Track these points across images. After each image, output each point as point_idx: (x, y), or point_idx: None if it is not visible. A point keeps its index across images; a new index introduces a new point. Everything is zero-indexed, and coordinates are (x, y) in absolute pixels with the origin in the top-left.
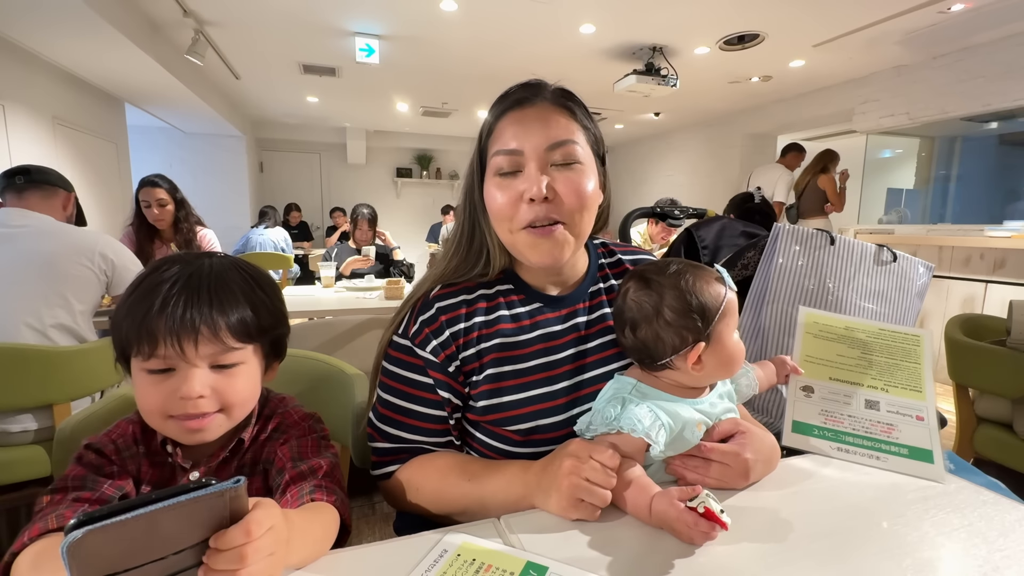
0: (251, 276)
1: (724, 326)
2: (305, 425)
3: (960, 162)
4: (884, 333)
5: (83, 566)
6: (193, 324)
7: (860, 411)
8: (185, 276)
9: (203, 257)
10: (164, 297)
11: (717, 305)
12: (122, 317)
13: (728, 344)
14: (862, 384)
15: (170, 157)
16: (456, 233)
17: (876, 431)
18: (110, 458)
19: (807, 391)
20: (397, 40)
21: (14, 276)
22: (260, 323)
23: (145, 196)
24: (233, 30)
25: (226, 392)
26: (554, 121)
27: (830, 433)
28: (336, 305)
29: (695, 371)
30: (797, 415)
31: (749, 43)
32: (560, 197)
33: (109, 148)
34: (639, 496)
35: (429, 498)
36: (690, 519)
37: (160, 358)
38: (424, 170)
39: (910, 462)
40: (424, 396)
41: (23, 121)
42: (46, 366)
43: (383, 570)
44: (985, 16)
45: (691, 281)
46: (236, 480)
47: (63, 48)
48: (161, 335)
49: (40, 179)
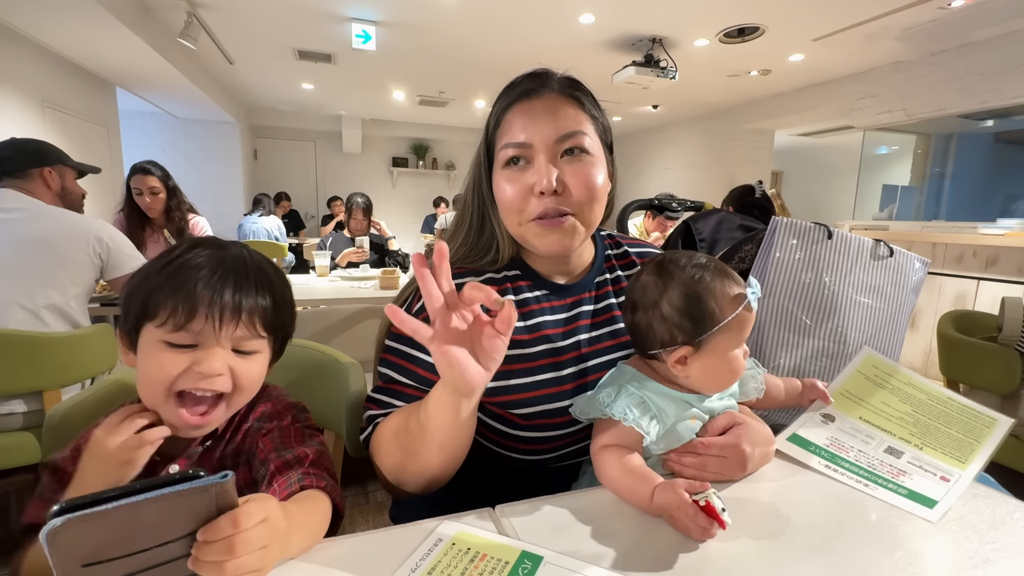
0: (279, 272)
1: (723, 340)
2: (288, 415)
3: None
4: (952, 404)
5: (63, 554)
6: (238, 305)
7: (875, 451)
8: (229, 259)
9: (238, 246)
10: (209, 275)
11: (720, 318)
12: (155, 286)
13: (722, 359)
14: (895, 433)
15: (162, 143)
16: (464, 225)
17: (882, 470)
18: (65, 470)
19: (827, 419)
20: (394, 27)
21: (7, 258)
22: (283, 318)
23: (137, 184)
24: (227, 13)
25: (241, 376)
26: (562, 112)
27: (827, 454)
28: (331, 294)
29: (677, 372)
30: (803, 431)
31: (749, 36)
32: (570, 189)
33: (100, 133)
34: (640, 484)
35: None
36: (690, 510)
37: (191, 332)
38: (420, 160)
39: (902, 499)
40: (424, 375)
41: (11, 104)
42: (36, 352)
43: (378, 559)
44: (985, 13)
45: (705, 284)
46: (224, 475)
47: (52, 29)
48: (203, 308)
49: (9, 168)
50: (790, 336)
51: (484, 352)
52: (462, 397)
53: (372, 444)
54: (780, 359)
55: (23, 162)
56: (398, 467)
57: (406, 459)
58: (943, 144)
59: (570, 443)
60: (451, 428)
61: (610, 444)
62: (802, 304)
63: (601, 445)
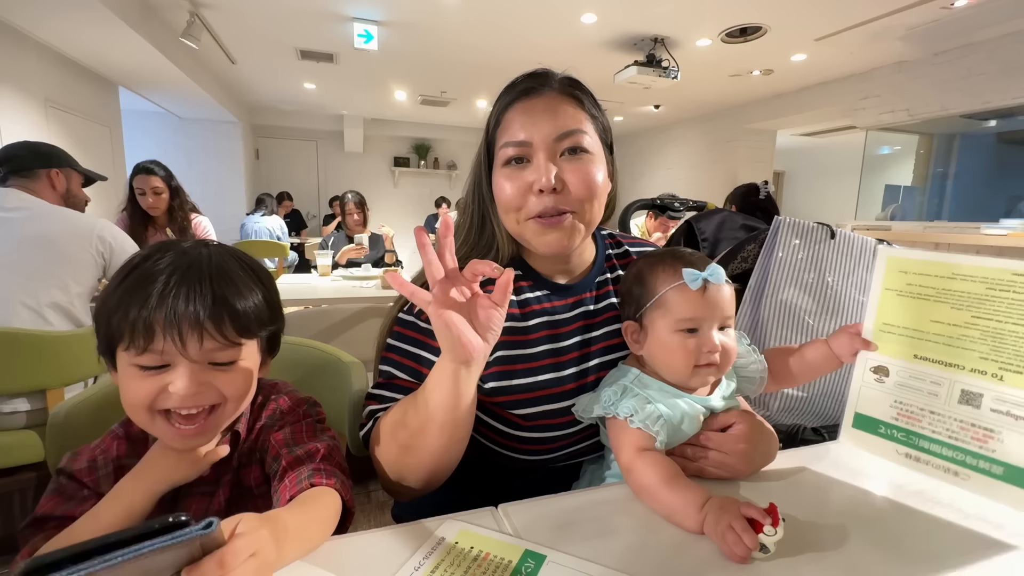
0: (250, 267)
1: (658, 318)
2: (299, 410)
3: (958, 160)
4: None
5: None
6: (197, 318)
7: (950, 406)
8: (184, 266)
9: (199, 246)
10: (163, 288)
11: (651, 293)
12: (112, 308)
13: (659, 338)
14: (962, 366)
15: (165, 143)
16: (464, 225)
17: (966, 437)
18: (82, 482)
19: (879, 374)
20: (396, 27)
21: (10, 256)
22: (260, 317)
23: (140, 183)
24: (229, 13)
25: (224, 387)
26: (562, 111)
27: (901, 434)
28: (333, 293)
29: (635, 351)
30: (863, 406)
31: (751, 36)
32: (569, 187)
33: (103, 132)
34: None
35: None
36: (740, 525)
37: (156, 353)
38: (422, 160)
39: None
40: (426, 373)
41: (15, 103)
42: (39, 351)
43: (381, 557)
44: (988, 12)
45: (651, 263)
46: (208, 524)
47: (55, 28)
48: (160, 328)
49: (17, 166)
50: (793, 336)
51: (480, 323)
52: (460, 365)
53: (372, 439)
54: None
55: (31, 161)
56: (398, 461)
57: (405, 451)
58: (946, 144)
59: (571, 443)
60: (450, 403)
61: (638, 451)
62: (805, 304)
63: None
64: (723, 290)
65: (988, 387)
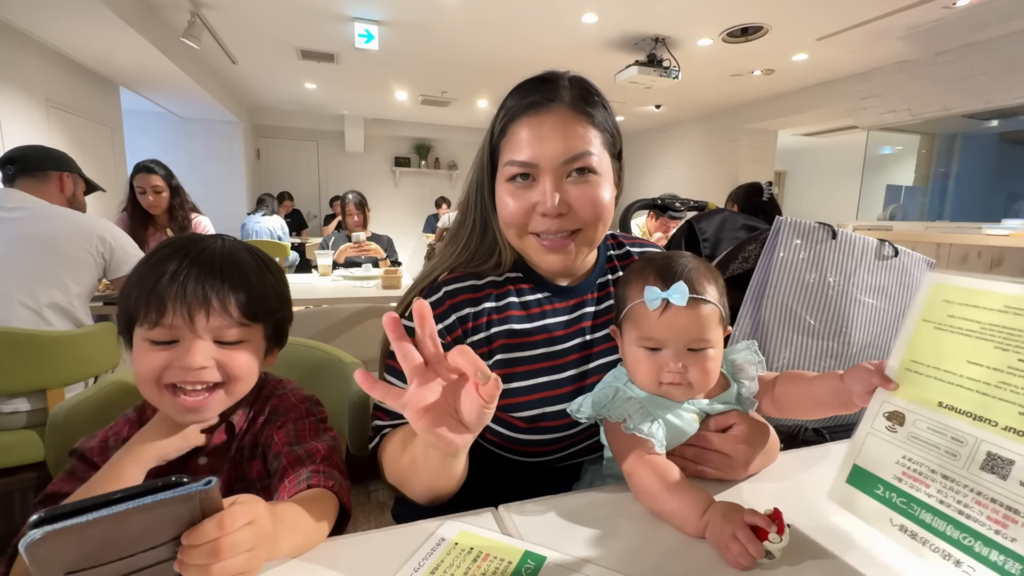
0: (260, 258)
1: (627, 329)
2: (303, 408)
3: (960, 160)
4: None
5: (44, 564)
6: (204, 295)
7: (970, 471)
8: (197, 251)
9: (215, 238)
10: (176, 268)
11: (623, 303)
12: (131, 286)
13: (628, 349)
14: (995, 421)
15: (165, 142)
16: (466, 228)
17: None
18: (92, 461)
19: (893, 420)
20: (397, 26)
21: (10, 256)
22: (266, 304)
23: (140, 182)
24: (230, 13)
25: (229, 365)
26: (571, 131)
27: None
28: (333, 293)
29: (620, 351)
30: (865, 458)
31: (752, 35)
32: (575, 209)
33: (104, 132)
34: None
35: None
36: (744, 534)
37: (166, 327)
38: (423, 160)
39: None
40: None
41: (16, 103)
42: (39, 351)
43: (381, 558)
44: (989, 12)
45: (636, 267)
46: (207, 481)
47: (56, 28)
48: (171, 303)
49: (30, 166)
50: (794, 336)
51: (466, 415)
52: (446, 456)
53: (379, 452)
54: (783, 359)
55: (45, 162)
56: (400, 481)
57: (409, 473)
58: (947, 144)
59: (572, 444)
60: (439, 475)
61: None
62: (806, 304)
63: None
64: (688, 313)
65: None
